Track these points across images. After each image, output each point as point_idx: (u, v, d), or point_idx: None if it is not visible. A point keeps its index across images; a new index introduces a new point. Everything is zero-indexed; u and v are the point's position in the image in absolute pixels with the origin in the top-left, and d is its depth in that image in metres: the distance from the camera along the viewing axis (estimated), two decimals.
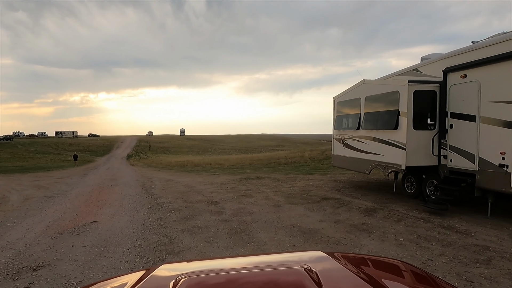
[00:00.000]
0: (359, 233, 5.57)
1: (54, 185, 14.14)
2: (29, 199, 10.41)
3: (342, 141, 10.22)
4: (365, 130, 8.92)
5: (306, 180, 12.44)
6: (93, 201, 9.49)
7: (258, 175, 15.54)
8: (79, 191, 11.87)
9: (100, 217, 7.34)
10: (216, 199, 9.00)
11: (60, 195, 11.12)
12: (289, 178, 13.29)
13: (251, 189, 10.72)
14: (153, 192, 10.82)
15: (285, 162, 24.94)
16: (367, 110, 8.88)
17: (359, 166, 9.30)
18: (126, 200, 9.59)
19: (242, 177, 14.62)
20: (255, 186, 11.43)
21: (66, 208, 8.59)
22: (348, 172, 14.32)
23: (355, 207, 7.50)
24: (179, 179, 14.81)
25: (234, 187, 11.16)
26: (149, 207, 8.28)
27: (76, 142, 74.10)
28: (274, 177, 14.16)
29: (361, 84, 9.19)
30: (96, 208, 8.37)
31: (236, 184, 12.12)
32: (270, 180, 12.92)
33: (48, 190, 12.38)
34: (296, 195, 9.27)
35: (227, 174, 16.97)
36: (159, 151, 63.49)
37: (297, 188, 10.57)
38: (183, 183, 13.19)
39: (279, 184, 11.72)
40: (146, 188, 12.07)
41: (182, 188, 11.57)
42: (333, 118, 10.97)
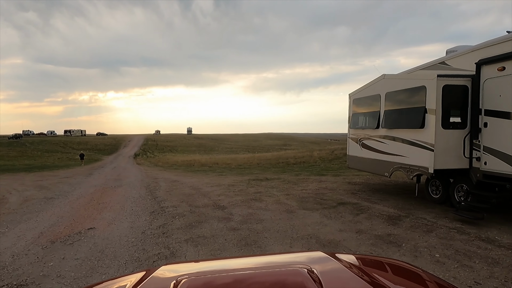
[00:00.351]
0: (387, 247, 4.89)
1: (56, 185, 13.71)
2: (28, 200, 9.94)
3: (358, 141, 9.51)
4: (385, 129, 8.20)
5: (318, 182, 11.75)
6: (93, 204, 8.96)
7: (267, 176, 14.89)
8: (81, 193, 11.38)
9: (98, 222, 6.78)
10: (224, 203, 8.38)
11: (60, 196, 10.64)
12: (300, 180, 12.61)
13: (260, 191, 10.08)
14: (157, 194, 10.25)
15: (294, 162, 24.25)
16: (387, 107, 8.16)
17: (378, 168, 8.59)
18: (128, 203, 9.04)
19: (250, 178, 13.99)
20: (264, 188, 10.78)
21: (64, 211, 8.07)
22: (362, 174, 13.58)
23: (377, 214, 6.80)
24: (185, 180, 14.24)
25: (243, 190, 10.54)
26: (152, 212, 7.70)
27: (84, 140, 74.41)
28: (284, 178, 13.50)
29: (380, 79, 8.47)
30: (96, 212, 7.83)
31: (244, 186, 11.49)
32: (280, 182, 12.26)
33: (49, 191, 11.92)
34: (309, 199, 8.61)
35: (234, 174, 16.37)
36: (166, 150, 63.32)
37: (310, 191, 9.89)
38: (189, 184, 12.61)
39: (290, 186, 11.05)
40: (150, 190, 11.52)
41: (188, 190, 10.99)
42: (349, 117, 10.26)
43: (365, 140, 9.15)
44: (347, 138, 10.35)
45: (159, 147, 65.89)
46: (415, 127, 7.00)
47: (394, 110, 7.94)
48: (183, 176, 16.42)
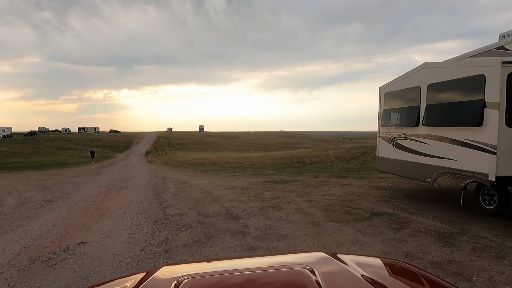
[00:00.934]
0: (452, 280, 3.74)
1: (60, 185, 12.95)
2: (24, 203, 9.13)
3: (391, 141, 8.30)
4: (427, 127, 6.98)
5: (341, 186, 10.58)
6: (93, 209, 8.05)
7: (283, 177, 13.79)
8: (83, 194, 10.53)
9: (92, 234, 5.83)
10: (237, 211, 7.33)
11: (61, 199, 9.80)
12: (321, 183, 11.45)
13: (278, 196, 9.00)
14: (164, 199, 9.29)
15: (310, 162, 23.05)
16: (430, 101, 6.93)
17: (417, 173, 7.38)
18: (131, 208, 8.10)
19: (265, 180, 12.91)
20: (282, 192, 9.68)
21: (59, 218, 7.18)
22: (389, 176, 12.33)
23: (422, 230, 5.63)
24: (195, 181, 13.27)
25: (258, 194, 9.47)
26: (155, 221, 6.72)
27: (97, 138, 74.78)
28: (302, 180, 12.36)
29: (421, 69, 7.24)
30: (93, 220, 6.89)
31: (259, 189, 10.42)
32: (298, 185, 11.14)
33: (50, 192, 11.13)
34: (336, 207, 7.47)
35: (248, 175, 15.31)
36: (177, 147, 62.88)
37: (334, 196, 8.75)
38: (199, 186, 11.62)
39: (311, 190, 9.92)
40: (157, 192, 10.58)
41: (197, 193, 9.99)
42: (379, 113, 9.04)
43: (400, 139, 7.94)
44: (376, 137, 9.13)
45: (170, 145, 65.53)
46: (470, 124, 5.78)
47: (439, 104, 6.71)
48: (193, 177, 15.47)
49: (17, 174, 18.65)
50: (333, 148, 34.59)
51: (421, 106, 7.17)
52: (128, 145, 64.47)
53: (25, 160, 32.68)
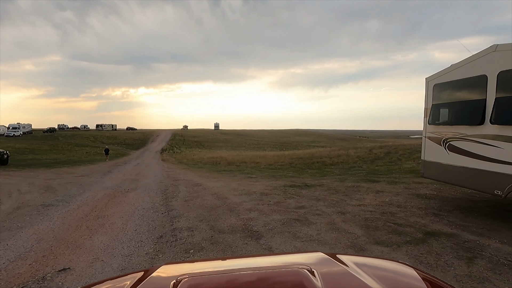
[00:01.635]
0: None
1: (66, 186, 12.10)
2: (20, 208, 8.23)
3: (443, 142, 6.87)
4: (496, 125, 5.55)
5: (375, 193, 9.20)
6: (91, 218, 7.03)
7: (305, 180, 12.49)
8: (86, 198, 9.58)
9: (81, 256, 4.75)
10: (258, 225, 6.12)
11: (61, 203, 8.87)
12: (350, 189, 10.09)
13: (303, 205, 7.73)
14: (173, 206, 8.18)
15: (331, 163, 21.61)
16: (502, 93, 5.50)
17: (480, 183, 5.96)
18: (135, 218, 7.02)
19: (286, 183, 11.65)
20: (307, 200, 8.41)
21: (50, 230, 6.17)
22: (426, 181, 10.86)
23: (503, 261, 4.25)
24: (209, 184, 12.15)
25: (280, 202, 8.23)
26: (159, 237, 5.59)
27: (113, 135, 75.29)
28: (327, 184, 11.03)
29: (488, 53, 5.80)
30: (87, 234, 5.84)
31: (280, 195, 9.18)
32: (324, 190, 9.82)
33: (53, 195, 10.25)
34: (377, 222, 6.14)
35: (266, 177, 14.09)
36: (193, 145, 62.38)
37: (371, 207, 7.40)
38: (213, 190, 10.48)
39: (341, 198, 8.59)
40: (166, 197, 9.51)
41: (211, 199, 8.83)
42: (426, 108, 7.60)
43: (455, 140, 6.51)
44: (422, 138, 7.71)
45: (186, 142, 65.13)
46: None
47: None
48: (207, 178, 14.37)
49: (27, 172, 18.10)
50: (353, 148, 32.86)
51: (487, 100, 5.74)
52: (144, 142, 64.47)
53: (40, 157, 32.59)
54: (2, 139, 53.17)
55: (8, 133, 59.93)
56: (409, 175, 13.20)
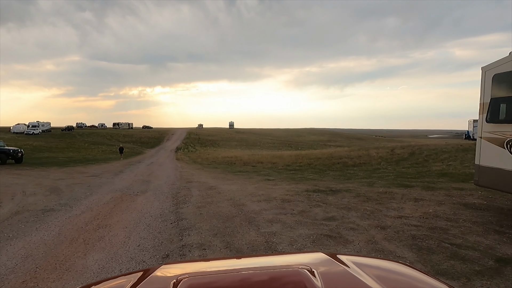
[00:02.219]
0: None
1: (73, 188, 11.43)
2: (19, 213, 7.51)
3: (507, 144, 5.66)
4: None
5: (413, 202, 8.01)
6: (91, 228, 6.19)
7: (329, 184, 11.38)
8: (91, 202, 8.82)
9: (66, 284, 3.86)
10: (283, 243, 5.09)
11: (64, 208, 8.12)
12: (382, 195, 8.93)
13: (333, 216, 6.66)
14: (184, 214, 7.27)
15: (353, 164, 20.33)
16: None
17: None
18: (140, 229, 6.14)
19: (308, 187, 10.57)
20: (336, 209, 7.33)
21: (42, 243, 5.35)
22: (466, 187, 9.59)
23: None
24: (224, 187, 11.22)
25: (305, 211, 7.18)
26: (165, 256, 4.66)
27: (130, 133, 75.76)
28: (355, 190, 9.89)
29: None
30: (82, 251, 4.97)
31: (304, 202, 8.13)
32: (353, 197, 8.71)
33: (57, 197, 9.55)
34: (428, 241, 5.02)
35: (285, 180, 13.04)
36: (207, 144, 61.90)
37: (414, 220, 6.26)
38: (228, 195, 9.52)
39: (375, 207, 7.46)
40: (177, 202, 8.63)
41: (226, 207, 7.87)
42: (482, 103, 6.37)
43: None
44: (477, 138, 6.49)
45: (201, 141, 64.74)
46: None
47: None
48: (222, 180, 13.45)
49: (39, 171, 17.69)
50: (374, 148, 31.34)
51: None
52: (159, 141, 64.46)
53: (56, 155, 32.59)
54: (22, 137, 54.12)
55: (27, 131, 61.03)
56: (443, 179, 11.89)
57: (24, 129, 62.85)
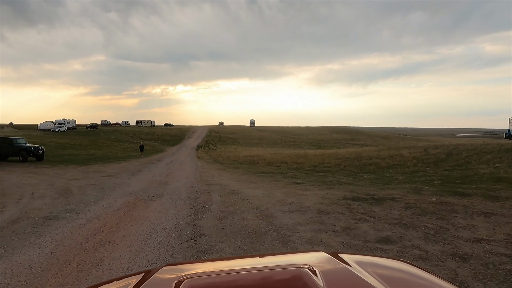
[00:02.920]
0: None
1: (85, 190, 10.58)
2: (17, 221, 6.60)
3: None
4: None
5: (483, 217, 6.45)
6: (92, 246, 5.13)
7: (367, 189, 9.91)
8: (100, 208, 7.84)
9: None
10: None
11: (69, 214, 7.18)
12: (438, 206, 7.39)
13: (388, 236, 5.28)
14: (202, 228, 6.09)
15: (386, 165, 18.60)
16: None
17: None
18: (149, 248, 5.01)
19: (345, 194, 9.16)
20: (388, 225, 5.92)
21: (26, 266, 4.30)
22: None
23: None
24: (248, 191, 10.00)
25: (350, 228, 5.82)
26: None
27: (152, 131, 76.31)
28: (401, 198, 8.40)
29: None
30: (70, 282, 3.88)
31: (346, 214, 6.76)
32: (403, 208, 7.24)
33: (65, 202, 8.67)
34: None
35: (315, 183, 11.66)
36: (228, 142, 61.16)
37: (500, 246, 4.76)
38: (254, 202, 8.29)
39: (437, 224, 5.98)
40: (195, 211, 7.49)
41: (252, 218, 6.63)
42: None
43: None
44: None
45: (222, 139, 64.09)
46: None
47: None
48: (245, 183, 12.24)
49: (56, 169, 17.17)
50: (405, 147, 29.24)
51: None
52: (181, 138, 64.37)
53: (78, 153, 32.60)
54: (48, 134, 55.42)
55: (54, 128, 62.56)
56: (500, 185, 10.15)
57: (50, 126, 64.50)
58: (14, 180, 12.73)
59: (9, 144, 21.55)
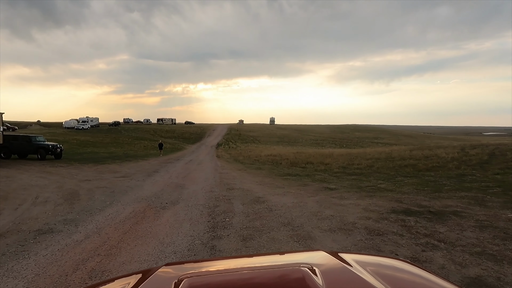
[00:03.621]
0: None
1: (94, 194, 9.57)
2: (5, 236, 5.56)
3: None
4: None
5: None
6: (78, 280, 3.94)
7: (417, 198, 8.32)
8: (105, 218, 6.73)
9: None
10: None
11: (67, 227, 6.10)
12: None
13: (479, 277, 3.78)
14: (222, 254, 4.79)
15: (425, 167, 16.73)
16: None
17: None
18: None
19: (392, 205, 7.63)
20: (470, 256, 4.41)
21: None
22: None
23: None
24: (274, 199, 8.65)
25: (418, 257, 4.35)
26: None
27: (172, 129, 76.36)
28: (465, 212, 6.78)
29: None
30: None
31: (405, 237, 5.28)
32: (477, 228, 5.65)
33: (69, 208, 7.64)
34: None
35: (351, 189, 10.15)
36: (248, 140, 60.04)
37: None
38: (284, 216, 6.92)
39: None
40: (214, 226, 6.21)
41: (285, 240, 5.25)
42: None
43: None
44: None
45: (241, 137, 63.07)
46: None
47: None
48: (270, 188, 10.88)
49: (71, 169, 16.47)
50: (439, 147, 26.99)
51: None
52: (201, 136, 63.84)
53: (98, 151, 32.32)
54: (71, 132, 56.22)
55: (77, 126, 63.54)
56: None
57: (74, 124, 65.58)
58: (24, 181, 11.98)
59: (28, 142, 21.22)
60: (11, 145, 21.00)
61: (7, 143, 20.88)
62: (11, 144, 21.02)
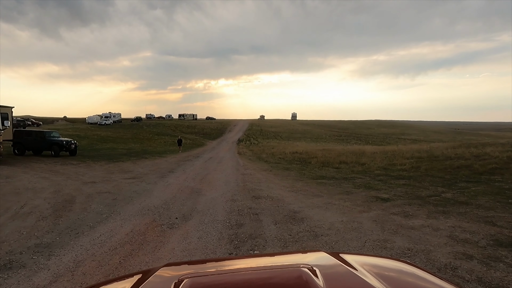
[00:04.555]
0: None
1: (92, 201, 7.92)
2: None
3: None
4: None
5: None
6: None
7: (497, 217, 6.05)
8: (93, 242, 4.98)
9: None
10: None
11: (37, 256, 4.39)
12: None
13: None
14: None
15: (483, 168, 14.12)
16: None
17: None
18: None
19: (489, 230, 5.42)
20: None
21: None
22: None
23: None
24: (316, 216, 6.62)
25: None
26: None
27: (193, 124, 75.55)
28: None
29: None
30: None
31: None
32: None
33: (52, 225, 5.97)
34: None
35: (411, 200, 7.94)
36: (270, 136, 58.03)
37: None
38: (335, 247, 4.90)
39: None
40: None
41: None
42: None
43: None
44: None
45: (263, 133, 61.17)
46: None
47: None
48: (305, 196, 8.84)
49: (81, 167, 15.09)
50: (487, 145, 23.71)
51: None
52: (221, 132, 62.48)
53: (117, 147, 31.34)
54: (94, 127, 56.33)
55: (100, 121, 63.81)
56: None
57: (97, 119, 65.94)
58: (22, 182, 10.57)
59: (41, 138, 20.22)
60: (25, 141, 20.07)
61: (20, 139, 19.97)
62: (24, 140, 20.09)
